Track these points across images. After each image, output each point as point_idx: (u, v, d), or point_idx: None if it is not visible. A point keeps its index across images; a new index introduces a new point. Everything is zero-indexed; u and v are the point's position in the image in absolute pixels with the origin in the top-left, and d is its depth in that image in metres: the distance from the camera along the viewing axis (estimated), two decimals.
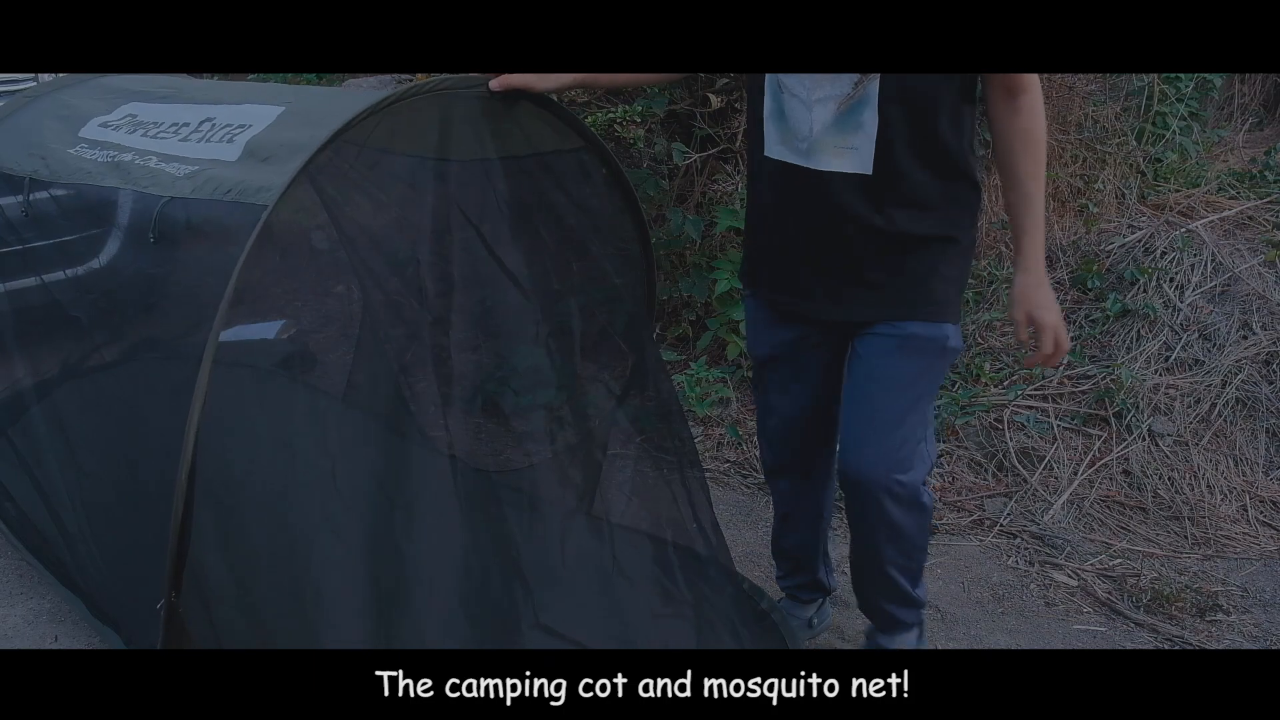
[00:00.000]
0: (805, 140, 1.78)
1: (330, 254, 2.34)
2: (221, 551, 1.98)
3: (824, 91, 1.74)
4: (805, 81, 1.75)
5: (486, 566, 2.14)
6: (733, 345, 3.42)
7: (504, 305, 2.21)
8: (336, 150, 1.85)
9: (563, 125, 2.10)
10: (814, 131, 1.76)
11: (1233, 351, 3.29)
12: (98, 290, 2.50)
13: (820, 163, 1.78)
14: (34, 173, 2.35)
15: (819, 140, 1.77)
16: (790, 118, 1.80)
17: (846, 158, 1.75)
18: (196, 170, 1.96)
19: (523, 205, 2.11)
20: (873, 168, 1.74)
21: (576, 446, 2.32)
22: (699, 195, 3.62)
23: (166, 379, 2.14)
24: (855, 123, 1.73)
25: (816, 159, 1.78)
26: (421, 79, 4.44)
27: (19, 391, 2.58)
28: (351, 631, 1.96)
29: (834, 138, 1.75)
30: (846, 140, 1.74)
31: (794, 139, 1.80)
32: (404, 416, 2.45)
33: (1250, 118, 4.86)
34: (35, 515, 2.36)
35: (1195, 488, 2.99)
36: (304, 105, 2.09)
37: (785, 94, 1.80)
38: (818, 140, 1.77)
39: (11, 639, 2.22)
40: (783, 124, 1.82)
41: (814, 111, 1.75)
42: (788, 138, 1.82)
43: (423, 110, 1.93)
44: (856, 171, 1.75)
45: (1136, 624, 2.50)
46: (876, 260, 1.82)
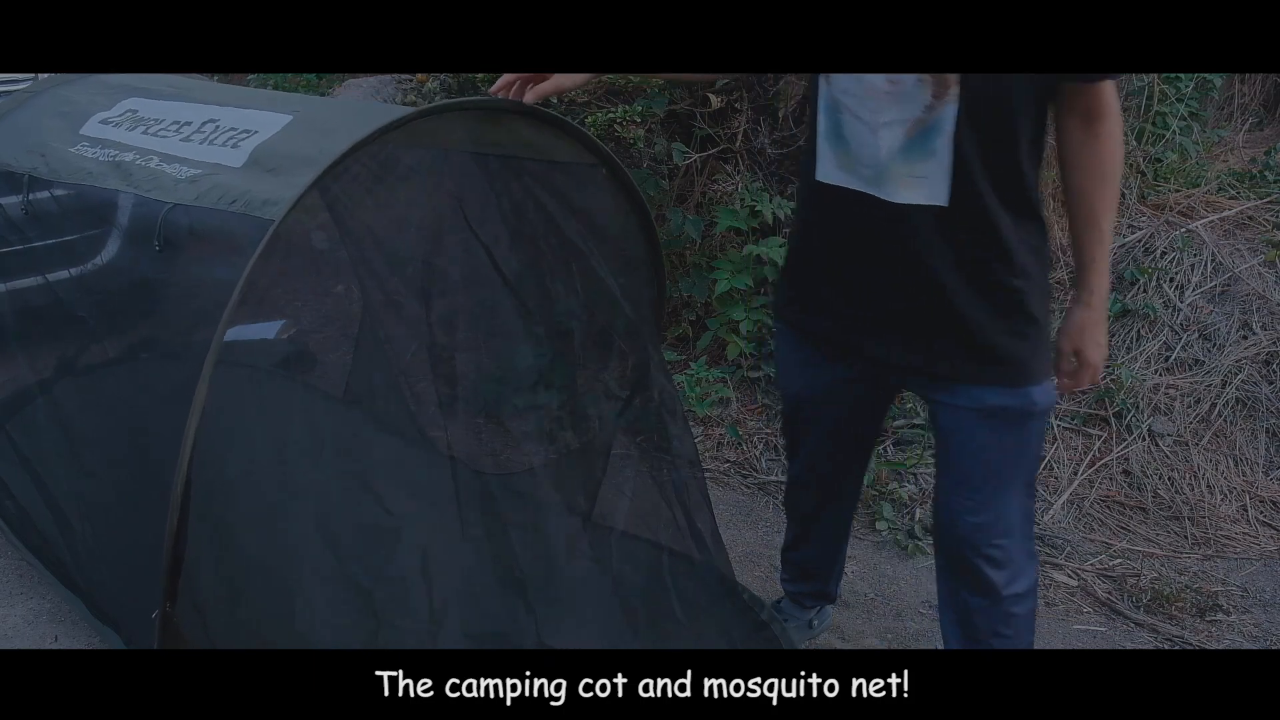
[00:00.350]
0: (872, 167, 1.61)
1: (330, 254, 2.33)
2: (215, 561, 1.98)
3: (890, 114, 1.56)
4: (868, 103, 1.58)
5: (486, 583, 2.13)
6: (732, 345, 3.42)
7: (504, 305, 2.21)
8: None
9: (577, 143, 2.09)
10: (882, 158, 1.59)
11: (1233, 351, 3.29)
12: (99, 290, 2.49)
13: (890, 193, 1.61)
14: (34, 170, 2.34)
15: (887, 168, 1.60)
16: (852, 141, 1.63)
17: (918, 188, 1.59)
18: (200, 174, 1.95)
19: (523, 206, 2.10)
20: (948, 198, 1.57)
21: (576, 449, 2.32)
22: (699, 195, 3.62)
23: (167, 378, 2.14)
24: (927, 149, 1.56)
25: (886, 188, 1.61)
26: (422, 79, 4.44)
27: (20, 390, 2.58)
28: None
29: (903, 166, 1.58)
30: (916, 169, 1.58)
31: (858, 164, 1.63)
32: (404, 417, 2.45)
33: (1250, 118, 4.85)
34: (35, 513, 2.35)
35: (1195, 488, 2.99)
36: (312, 115, 2.08)
37: (845, 115, 1.62)
38: (886, 167, 1.60)
39: (11, 639, 2.22)
40: (841, 147, 1.65)
41: (880, 136, 1.58)
42: (849, 162, 1.65)
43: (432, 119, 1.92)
44: (930, 203, 1.59)
45: (1136, 624, 2.50)
46: (951, 306, 1.65)
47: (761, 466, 3.17)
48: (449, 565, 2.12)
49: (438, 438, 2.35)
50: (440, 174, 2.06)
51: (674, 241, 3.48)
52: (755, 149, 3.53)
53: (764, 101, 3.54)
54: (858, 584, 2.61)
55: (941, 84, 1.51)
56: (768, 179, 3.54)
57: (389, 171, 2.01)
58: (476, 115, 1.96)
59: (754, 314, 3.41)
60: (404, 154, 2.01)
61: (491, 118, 1.96)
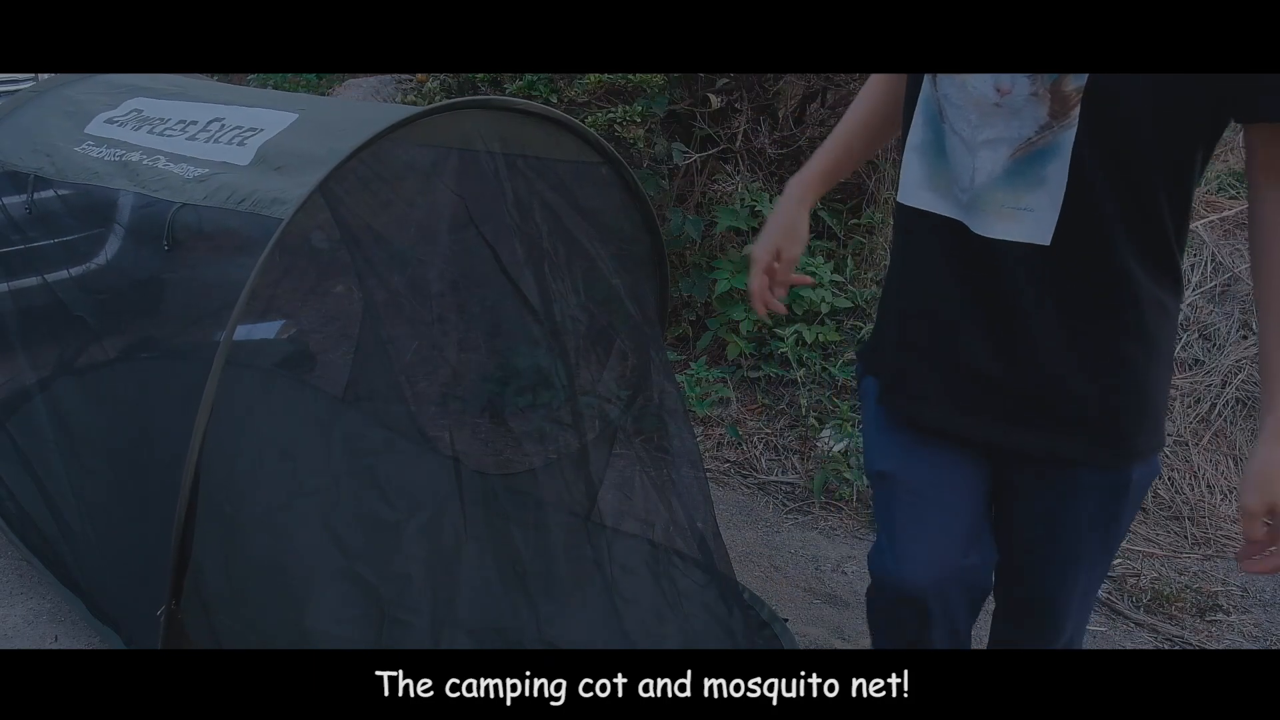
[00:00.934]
0: (966, 191, 1.33)
1: (330, 254, 2.33)
2: (223, 560, 1.98)
3: (994, 131, 1.29)
4: (968, 115, 1.31)
5: (488, 579, 2.13)
6: (732, 345, 3.43)
7: (507, 304, 2.21)
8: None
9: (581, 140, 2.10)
10: (976, 181, 1.31)
11: (1233, 351, 3.29)
12: (102, 289, 2.50)
13: (983, 225, 1.32)
14: (39, 170, 2.35)
15: (982, 194, 1.31)
16: (951, 156, 1.35)
17: (1017, 222, 1.29)
18: (207, 174, 1.95)
19: (528, 204, 2.11)
20: (1051, 238, 1.27)
21: (578, 449, 2.32)
22: (699, 195, 3.62)
23: (171, 377, 2.14)
24: (1036, 176, 1.27)
25: (979, 219, 1.32)
26: (422, 79, 4.44)
27: (21, 389, 2.58)
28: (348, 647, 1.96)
29: (1003, 193, 1.29)
30: (1019, 198, 1.28)
31: (952, 185, 1.35)
32: (404, 417, 2.45)
33: None
34: (36, 513, 2.36)
35: (1195, 488, 2.99)
36: (318, 114, 2.08)
37: (947, 127, 1.34)
38: (980, 193, 1.31)
39: (11, 639, 2.22)
40: (940, 162, 1.36)
41: (978, 157, 1.30)
42: (941, 181, 1.36)
43: (437, 119, 1.92)
44: (1028, 241, 1.29)
45: (1136, 624, 2.50)
46: (1043, 370, 1.34)
47: (761, 466, 3.17)
48: (452, 562, 2.12)
49: (439, 438, 2.35)
50: (444, 173, 2.06)
51: (674, 241, 3.48)
52: (755, 149, 3.53)
53: (764, 101, 3.54)
54: (858, 584, 2.61)
55: (1061, 101, 1.23)
56: (768, 179, 3.54)
57: (392, 170, 2.02)
58: (481, 114, 1.96)
59: (754, 314, 3.40)
60: (408, 153, 2.01)
61: (496, 116, 1.96)
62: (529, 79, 3.58)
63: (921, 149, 1.39)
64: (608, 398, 2.34)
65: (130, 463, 2.19)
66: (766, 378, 3.41)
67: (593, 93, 3.51)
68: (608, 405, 2.34)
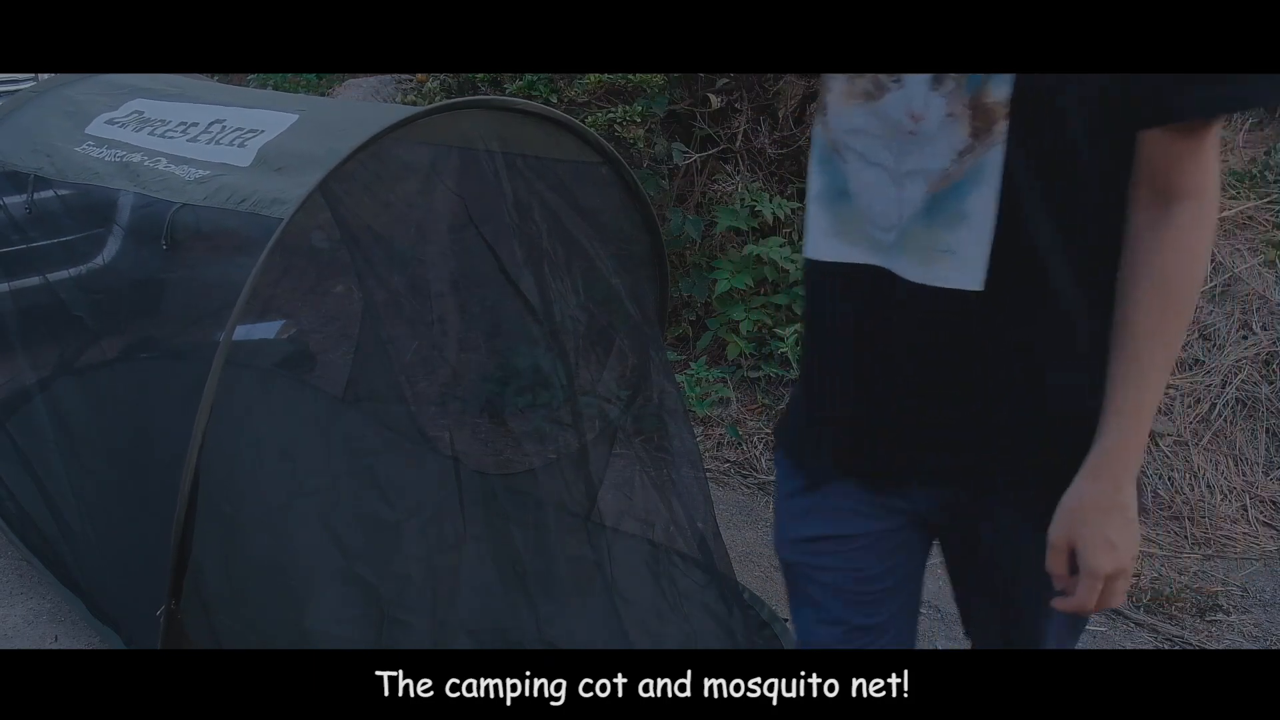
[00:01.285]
0: (891, 229, 1.13)
1: (330, 254, 2.34)
2: (223, 560, 1.99)
3: (915, 162, 1.10)
4: (890, 144, 1.11)
5: (488, 579, 2.13)
6: (732, 345, 3.43)
7: (507, 304, 2.21)
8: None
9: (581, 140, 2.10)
10: (903, 217, 1.12)
11: (1233, 351, 3.29)
12: (102, 289, 2.50)
13: (909, 269, 1.12)
14: (39, 170, 2.35)
15: (908, 232, 1.12)
16: (859, 197, 1.15)
17: (940, 265, 1.10)
18: (208, 175, 1.95)
19: (528, 204, 2.11)
20: (984, 280, 1.09)
21: (577, 449, 2.33)
22: (699, 195, 3.62)
23: (168, 378, 2.15)
24: (955, 212, 1.09)
25: (905, 262, 1.12)
26: (421, 79, 4.44)
27: (21, 389, 2.58)
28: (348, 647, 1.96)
29: (924, 232, 1.10)
30: (938, 237, 1.10)
31: (868, 227, 1.15)
32: (404, 417, 2.45)
33: (1250, 118, 4.85)
34: (36, 513, 2.36)
35: (1195, 488, 2.99)
36: (318, 115, 2.09)
37: (849, 158, 1.15)
38: (907, 231, 1.12)
39: (11, 639, 2.22)
40: (844, 206, 1.17)
41: (904, 189, 1.11)
42: (850, 226, 1.17)
43: (437, 119, 1.92)
44: (956, 288, 1.10)
45: (1136, 624, 2.50)
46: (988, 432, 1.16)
47: (761, 466, 3.17)
48: (452, 562, 2.13)
49: (439, 438, 2.35)
50: (444, 173, 2.06)
51: (674, 241, 3.48)
52: (755, 149, 3.53)
53: (764, 101, 3.54)
54: None
55: (985, 115, 1.06)
56: (768, 179, 3.54)
57: (392, 171, 2.02)
58: (481, 114, 1.97)
59: (754, 314, 3.41)
60: (408, 153, 2.01)
61: (496, 116, 1.96)
62: (529, 79, 3.58)
63: (821, 197, 1.20)
64: (608, 398, 2.34)
65: (130, 463, 2.19)
66: (766, 378, 3.41)
67: (593, 93, 3.51)
68: (608, 405, 2.34)
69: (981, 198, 1.07)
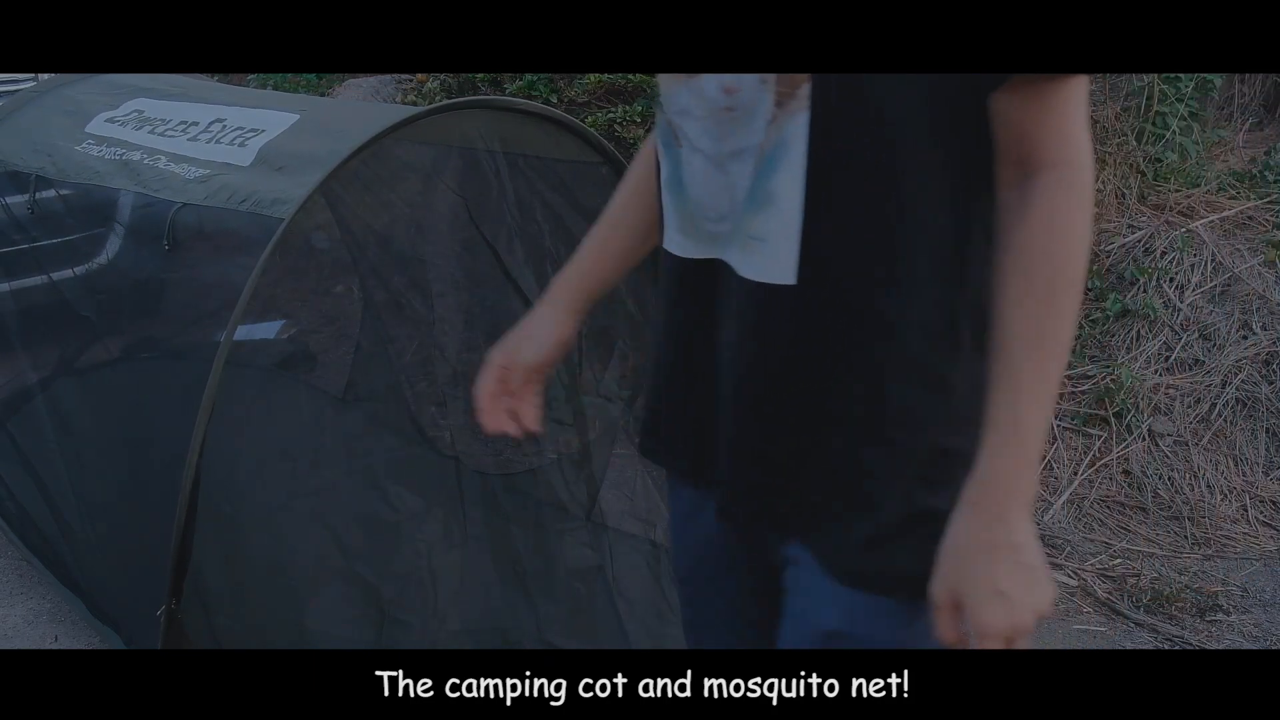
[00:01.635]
0: (725, 219, 0.99)
1: (330, 253, 2.34)
2: (223, 560, 1.99)
3: (739, 140, 0.96)
4: (708, 126, 0.98)
5: (488, 579, 2.13)
6: None
7: (506, 305, 2.21)
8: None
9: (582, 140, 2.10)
10: (735, 205, 0.98)
11: (1233, 351, 3.29)
12: (103, 289, 2.51)
13: (738, 261, 0.99)
14: (41, 170, 2.36)
15: (738, 222, 0.98)
16: (690, 186, 1.02)
17: (755, 255, 0.96)
18: (208, 174, 1.95)
19: (528, 204, 2.11)
20: (796, 274, 0.94)
21: (578, 449, 2.33)
22: None
23: (169, 378, 2.15)
24: (764, 193, 0.94)
25: (736, 254, 0.99)
26: (422, 79, 4.44)
27: (22, 388, 2.59)
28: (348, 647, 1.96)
29: (745, 219, 0.97)
30: (751, 224, 0.96)
31: (700, 219, 1.02)
32: (404, 417, 2.45)
33: (1250, 118, 4.85)
34: (36, 513, 2.36)
35: (1195, 488, 2.99)
36: (319, 115, 2.09)
37: (683, 143, 1.02)
38: (738, 221, 0.98)
39: (11, 639, 2.22)
40: (681, 196, 1.04)
41: (730, 174, 0.97)
42: (686, 218, 1.04)
43: (438, 119, 1.93)
44: (769, 281, 0.96)
45: (1136, 624, 2.50)
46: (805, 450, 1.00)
47: None
48: (452, 562, 2.13)
49: (439, 438, 2.35)
50: (445, 173, 2.06)
51: None
52: None
53: None
54: None
55: (787, 83, 0.92)
56: None
57: (392, 171, 2.02)
58: (481, 114, 1.97)
59: None
60: (408, 153, 2.01)
61: (497, 117, 1.96)
62: (529, 79, 3.58)
63: (667, 184, 1.06)
64: (608, 397, 2.34)
65: (130, 462, 2.19)
66: None
67: (593, 93, 3.51)
68: (608, 405, 2.34)
69: (787, 177, 0.92)
